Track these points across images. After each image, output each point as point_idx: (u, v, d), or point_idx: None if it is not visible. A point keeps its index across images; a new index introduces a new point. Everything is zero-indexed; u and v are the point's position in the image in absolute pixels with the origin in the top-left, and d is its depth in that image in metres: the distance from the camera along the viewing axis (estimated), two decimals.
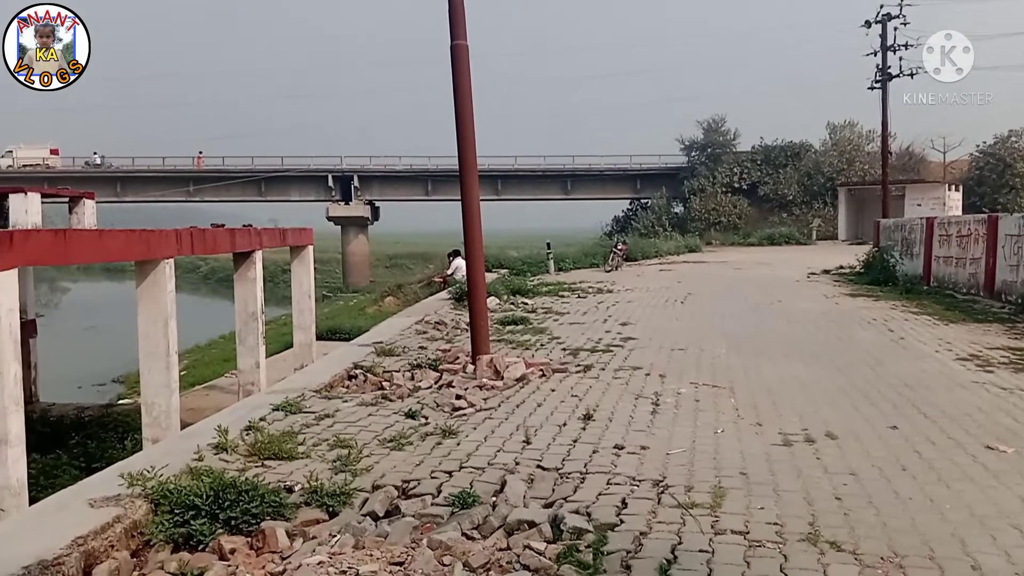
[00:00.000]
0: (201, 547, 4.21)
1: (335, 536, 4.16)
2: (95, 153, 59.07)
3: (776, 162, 55.11)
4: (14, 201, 9.89)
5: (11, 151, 57.66)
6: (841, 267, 23.45)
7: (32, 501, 8.32)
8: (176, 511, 4.42)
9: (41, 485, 9.29)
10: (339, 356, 9.99)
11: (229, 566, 3.87)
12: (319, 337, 18.59)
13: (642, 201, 57.66)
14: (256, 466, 5.33)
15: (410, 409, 6.90)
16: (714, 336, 11.15)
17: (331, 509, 4.61)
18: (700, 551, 3.89)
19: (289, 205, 64.15)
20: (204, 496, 4.46)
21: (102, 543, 4.18)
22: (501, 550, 3.98)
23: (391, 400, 7.43)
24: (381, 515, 4.51)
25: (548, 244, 25.59)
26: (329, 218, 59.03)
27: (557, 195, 61.18)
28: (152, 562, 4.17)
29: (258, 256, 14.21)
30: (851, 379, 8.16)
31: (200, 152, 59.62)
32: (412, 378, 8.35)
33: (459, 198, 9.02)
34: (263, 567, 3.89)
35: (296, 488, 4.86)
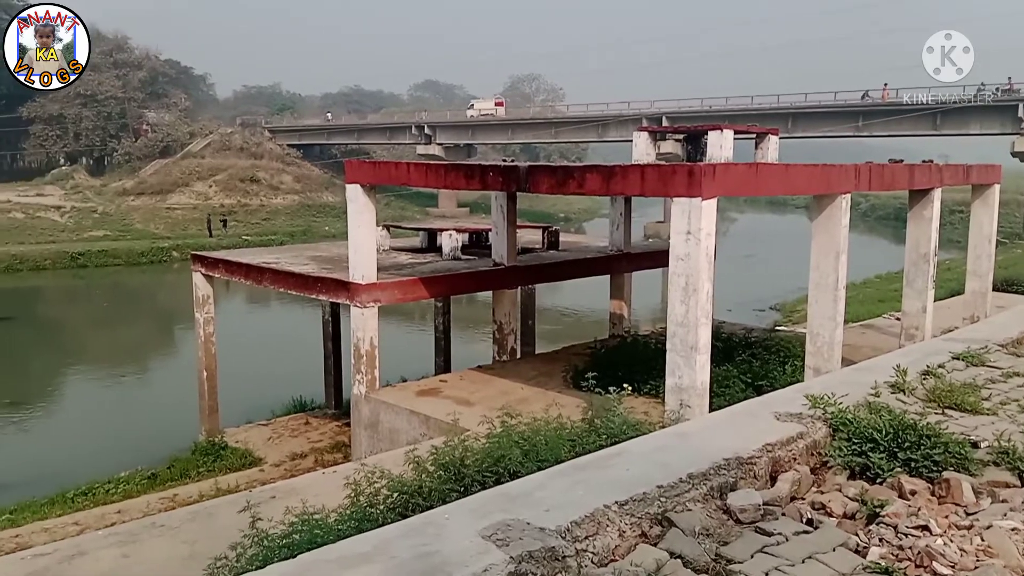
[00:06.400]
0: (878, 480, 4.28)
1: None
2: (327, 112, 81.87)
3: None
4: (711, 137, 10.99)
5: (472, 104, 74.63)
6: None
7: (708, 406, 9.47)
8: (854, 440, 4.57)
9: (714, 392, 10.40)
10: None
11: (910, 506, 3.85)
12: (992, 287, 16.73)
13: None
14: (935, 413, 5.16)
15: None
16: None
17: (1023, 475, 4.22)
18: None
19: (962, 140, 58.03)
20: (883, 432, 4.51)
21: (786, 453, 4.57)
22: None
23: None
24: None
25: None
26: (1014, 154, 51.51)
27: None
28: (830, 482, 4.40)
29: (937, 194, 13.25)
30: None
31: (885, 84, 57.59)
32: None
33: None
34: (946, 516, 3.77)
35: (982, 444, 4.57)
